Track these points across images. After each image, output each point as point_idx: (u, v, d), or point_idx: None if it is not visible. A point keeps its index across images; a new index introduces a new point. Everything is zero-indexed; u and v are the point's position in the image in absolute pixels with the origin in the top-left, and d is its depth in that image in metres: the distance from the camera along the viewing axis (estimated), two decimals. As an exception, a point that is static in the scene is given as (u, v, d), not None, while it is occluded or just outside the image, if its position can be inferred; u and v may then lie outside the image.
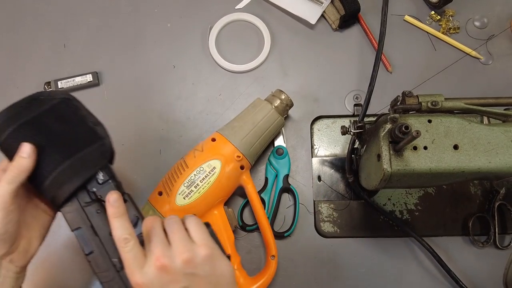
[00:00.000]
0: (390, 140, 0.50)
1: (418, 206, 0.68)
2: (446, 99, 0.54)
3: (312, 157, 0.70)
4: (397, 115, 0.50)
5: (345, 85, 0.72)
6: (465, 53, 0.73)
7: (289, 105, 0.66)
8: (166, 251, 0.43)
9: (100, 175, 0.47)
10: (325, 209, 0.68)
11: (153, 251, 0.43)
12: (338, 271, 0.66)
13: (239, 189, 0.64)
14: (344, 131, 0.60)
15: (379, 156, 0.50)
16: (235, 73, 0.73)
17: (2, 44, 0.74)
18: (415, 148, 0.50)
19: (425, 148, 0.50)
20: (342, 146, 0.70)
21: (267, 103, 0.64)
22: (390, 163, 0.49)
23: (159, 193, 0.61)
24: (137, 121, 0.71)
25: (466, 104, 0.54)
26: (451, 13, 0.75)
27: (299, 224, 0.67)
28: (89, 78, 0.72)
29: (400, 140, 0.48)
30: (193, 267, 0.43)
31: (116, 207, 0.44)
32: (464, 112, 0.54)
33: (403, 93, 0.55)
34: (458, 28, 0.74)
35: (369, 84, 0.60)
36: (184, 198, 0.59)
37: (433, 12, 0.75)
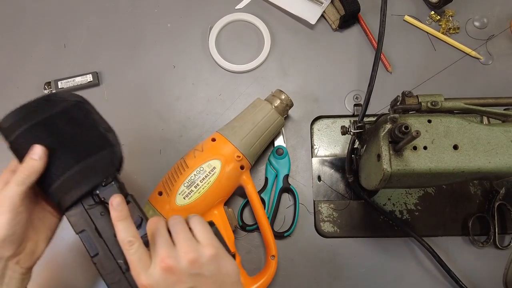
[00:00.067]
0: (390, 140, 0.50)
1: (418, 206, 0.68)
2: (446, 99, 0.54)
3: (312, 157, 0.70)
4: (397, 115, 0.50)
5: (345, 85, 0.72)
6: (465, 53, 0.73)
7: (289, 105, 0.66)
8: (171, 252, 0.42)
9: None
10: (325, 209, 0.68)
11: (158, 252, 0.42)
12: (338, 271, 0.66)
13: (239, 189, 0.64)
14: (344, 131, 0.60)
15: (379, 156, 0.50)
16: (235, 73, 0.73)
17: (2, 44, 0.74)
18: (415, 148, 0.50)
19: (425, 148, 0.50)
20: (342, 146, 0.70)
21: (267, 103, 0.64)
22: (390, 163, 0.49)
23: (159, 193, 0.61)
24: (137, 121, 0.71)
25: (466, 104, 0.54)
26: (451, 13, 0.75)
27: (299, 224, 0.67)
28: (89, 78, 0.72)
29: (400, 140, 0.48)
30: (198, 267, 0.42)
31: (120, 211, 0.44)
32: (464, 112, 0.54)
33: (403, 93, 0.55)
34: (458, 28, 0.74)
35: (369, 84, 0.60)
36: (184, 198, 0.59)
37: (433, 12, 0.75)
